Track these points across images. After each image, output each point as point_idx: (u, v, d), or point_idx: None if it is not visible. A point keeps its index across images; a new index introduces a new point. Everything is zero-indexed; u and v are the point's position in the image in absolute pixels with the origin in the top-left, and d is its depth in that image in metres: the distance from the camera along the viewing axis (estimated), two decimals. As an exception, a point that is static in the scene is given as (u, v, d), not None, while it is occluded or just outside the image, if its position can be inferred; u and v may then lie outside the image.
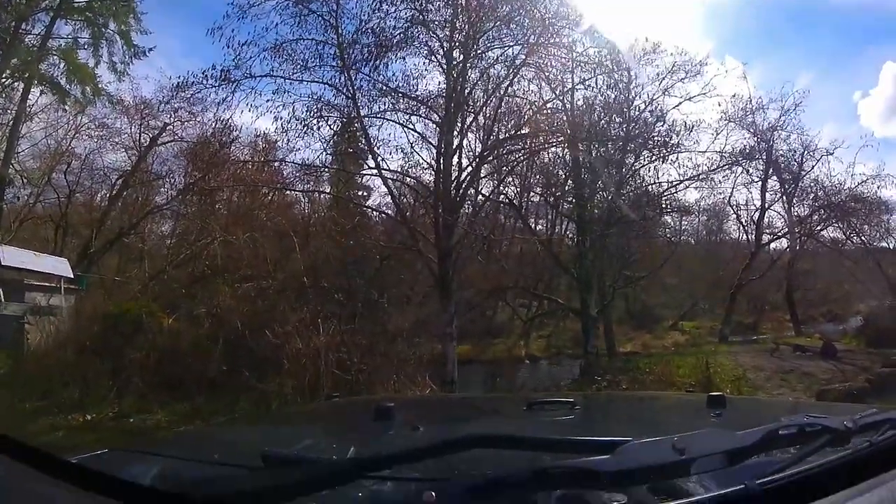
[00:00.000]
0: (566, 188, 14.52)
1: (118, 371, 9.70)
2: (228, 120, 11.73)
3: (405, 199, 13.66)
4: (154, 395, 9.21)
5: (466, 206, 12.95)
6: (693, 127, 14.55)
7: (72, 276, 14.30)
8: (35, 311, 12.53)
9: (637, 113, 14.17)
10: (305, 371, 8.89)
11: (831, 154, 16.82)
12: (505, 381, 11.90)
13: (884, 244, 18.10)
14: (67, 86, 15.49)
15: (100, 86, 15.76)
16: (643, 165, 14.91)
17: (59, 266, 14.43)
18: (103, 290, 13.76)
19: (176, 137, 16.33)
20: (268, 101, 11.60)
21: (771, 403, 3.33)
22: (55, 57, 15.38)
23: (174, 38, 32.21)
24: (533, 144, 12.82)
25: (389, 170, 12.49)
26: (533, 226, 17.38)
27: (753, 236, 18.55)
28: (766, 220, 18.35)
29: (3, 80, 14.86)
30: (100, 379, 9.49)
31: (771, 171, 17.61)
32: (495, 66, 12.10)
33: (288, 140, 11.99)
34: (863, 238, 17.79)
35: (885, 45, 29.67)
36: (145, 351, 9.90)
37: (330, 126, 12.26)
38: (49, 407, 8.91)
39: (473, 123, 12.50)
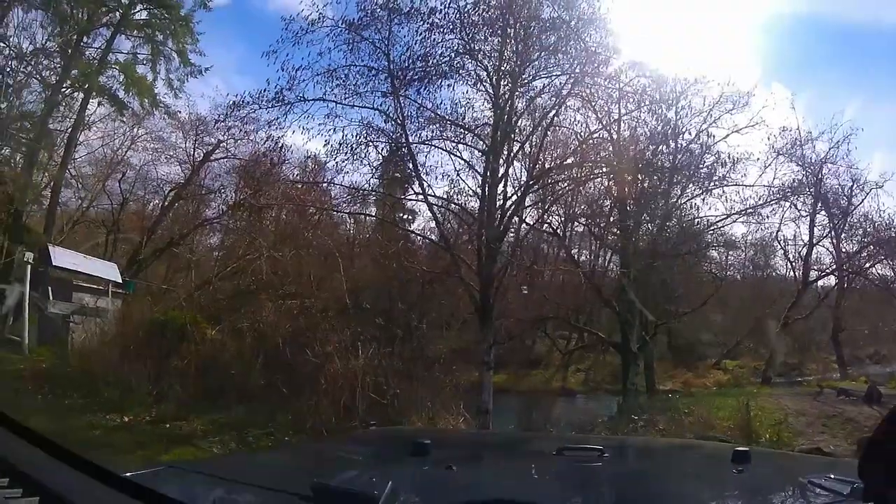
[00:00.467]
0: (611, 219, 14.31)
1: (159, 377, 9.91)
2: (280, 139, 11.93)
3: (449, 225, 13.62)
4: (192, 404, 9.39)
5: (510, 235, 12.86)
6: (740, 159, 14.23)
7: (120, 281, 14.76)
8: (81, 312, 12.95)
9: (684, 144, 13.95)
10: (342, 392, 8.94)
11: (881, 187, 16.18)
12: (540, 416, 11.73)
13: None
14: (125, 97, 16.14)
15: (157, 98, 16.36)
16: (689, 199, 14.63)
17: (108, 270, 14.88)
18: (150, 296, 14.13)
19: (228, 154, 16.75)
20: (320, 124, 11.78)
21: (796, 460, 3.28)
22: (114, 70, 15.98)
23: (229, 56, 33.29)
24: (578, 174, 12.71)
25: (435, 195, 12.52)
26: (576, 256, 17.21)
27: (801, 273, 17.87)
28: (814, 255, 17.65)
29: (64, 89, 15.52)
30: (140, 383, 9.70)
31: (820, 205, 17.00)
32: (542, 96, 12.08)
33: (336, 163, 12.15)
34: (913, 276, 17.05)
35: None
36: (187, 359, 10.10)
37: (378, 151, 12.39)
38: (89, 405, 9.16)
39: (519, 152, 12.41)
